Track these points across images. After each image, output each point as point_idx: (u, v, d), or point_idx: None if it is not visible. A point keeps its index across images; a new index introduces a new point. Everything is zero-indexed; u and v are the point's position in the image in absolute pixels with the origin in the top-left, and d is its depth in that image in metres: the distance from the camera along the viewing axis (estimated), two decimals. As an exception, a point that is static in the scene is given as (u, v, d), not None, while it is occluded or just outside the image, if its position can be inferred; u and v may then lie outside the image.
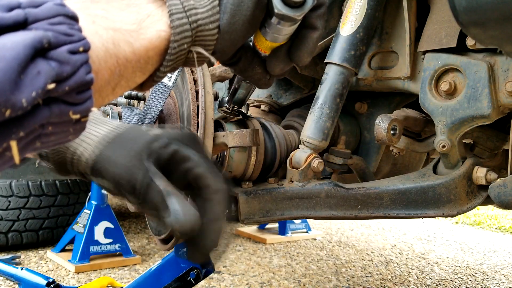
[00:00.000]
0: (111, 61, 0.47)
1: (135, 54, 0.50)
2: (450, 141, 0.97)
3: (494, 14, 0.59)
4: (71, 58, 0.39)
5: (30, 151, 0.41)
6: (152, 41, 0.53)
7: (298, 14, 0.63)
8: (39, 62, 0.37)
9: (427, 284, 2.46)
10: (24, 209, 2.52)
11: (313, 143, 1.03)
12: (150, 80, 0.57)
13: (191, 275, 1.12)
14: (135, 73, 0.52)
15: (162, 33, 0.54)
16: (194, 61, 0.59)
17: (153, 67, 0.55)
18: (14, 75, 0.35)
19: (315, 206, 1.04)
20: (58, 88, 0.39)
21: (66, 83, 0.39)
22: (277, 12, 0.62)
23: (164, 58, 0.55)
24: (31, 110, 0.38)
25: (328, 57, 1.06)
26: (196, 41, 0.58)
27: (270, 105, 1.40)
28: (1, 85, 0.34)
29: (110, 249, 2.42)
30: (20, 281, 1.88)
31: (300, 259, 2.78)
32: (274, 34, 0.66)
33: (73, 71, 0.39)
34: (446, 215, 0.99)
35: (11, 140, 0.38)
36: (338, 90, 1.04)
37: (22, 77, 0.36)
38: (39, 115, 0.38)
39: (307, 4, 0.63)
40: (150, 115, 0.95)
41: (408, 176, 1.06)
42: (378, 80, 1.14)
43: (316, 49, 0.84)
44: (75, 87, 0.40)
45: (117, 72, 0.48)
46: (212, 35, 0.59)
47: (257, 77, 0.79)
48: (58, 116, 0.40)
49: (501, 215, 5.07)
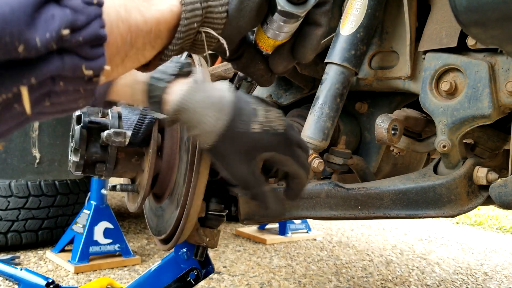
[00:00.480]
0: (123, 26, 0.48)
1: (146, 24, 0.51)
2: (451, 141, 0.97)
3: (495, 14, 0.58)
4: (86, 8, 0.40)
5: (40, 109, 0.41)
6: (163, 14, 0.54)
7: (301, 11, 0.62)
8: (53, 7, 0.38)
9: (427, 285, 2.46)
10: (24, 209, 2.52)
11: (313, 143, 1.03)
12: (157, 59, 0.59)
13: (191, 275, 1.12)
14: (145, 45, 0.53)
15: (174, 8, 0.56)
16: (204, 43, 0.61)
17: (162, 43, 0.56)
18: (29, 9, 0.36)
19: (315, 206, 1.03)
20: (72, 37, 0.39)
21: (80, 33, 0.39)
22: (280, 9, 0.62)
23: (174, 36, 0.56)
24: (44, 57, 0.38)
25: (328, 57, 1.06)
26: (205, 22, 0.60)
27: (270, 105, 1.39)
28: (16, 16, 0.35)
29: (109, 249, 2.41)
30: (20, 282, 1.87)
31: (300, 259, 2.78)
32: (275, 31, 0.66)
33: (87, 22, 0.40)
34: (446, 215, 0.99)
35: (22, 86, 0.38)
36: (338, 90, 1.03)
37: (36, 15, 0.36)
38: (52, 63, 0.38)
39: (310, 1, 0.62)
40: (150, 115, 0.94)
41: (409, 176, 1.05)
42: (379, 80, 1.13)
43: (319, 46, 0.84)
44: (89, 39, 0.40)
45: (128, 40, 0.49)
46: (221, 18, 0.60)
47: (259, 73, 0.80)
48: (70, 69, 0.40)
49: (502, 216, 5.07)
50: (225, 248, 2.90)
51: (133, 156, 0.99)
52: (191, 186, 0.90)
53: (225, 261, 2.62)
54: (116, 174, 1.00)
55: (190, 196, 0.91)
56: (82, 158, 0.94)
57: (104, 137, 0.91)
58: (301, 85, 1.39)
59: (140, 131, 0.93)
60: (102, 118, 0.96)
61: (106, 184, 2.45)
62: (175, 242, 0.99)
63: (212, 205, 1.02)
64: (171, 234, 1.00)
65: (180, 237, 0.97)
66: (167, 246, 1.03)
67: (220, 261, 2.61)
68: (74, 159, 0.94)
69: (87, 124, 0.93)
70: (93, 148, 0.94)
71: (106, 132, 0.91)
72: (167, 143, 0.99)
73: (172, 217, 0.98)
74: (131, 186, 1.02)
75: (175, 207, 0.97)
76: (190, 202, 0.91)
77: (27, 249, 2.60)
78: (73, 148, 0.94)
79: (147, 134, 0.94)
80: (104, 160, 0.96)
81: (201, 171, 0.91)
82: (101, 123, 0.94)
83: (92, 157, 0.95)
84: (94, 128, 0.94)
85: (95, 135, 0.94)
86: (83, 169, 0.95)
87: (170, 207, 1.01)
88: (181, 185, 0.95)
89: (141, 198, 0.99)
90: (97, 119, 0.95)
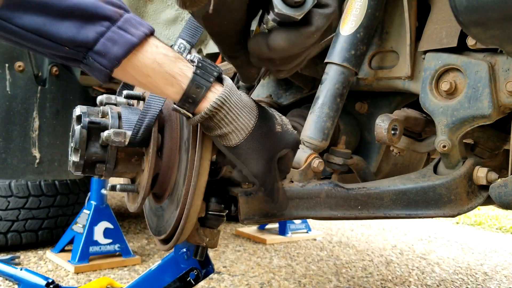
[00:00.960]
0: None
1: None
2: (451, 141, 0.97)
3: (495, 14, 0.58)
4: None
5: None
6: None
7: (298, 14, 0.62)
8: None
9: (427, 285, 2.46)
10: (24, 209, 2.52)
11: (313, 143, 1.03)
12: None
13: (191, 275, 1.12)
14: None
15: None
16: None
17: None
18: None
19: (315, 206, 1.03)
20: None
21: None
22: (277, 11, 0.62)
23: None
24: None
25: (328, 57, 1.06)
26: None
27: (270, 105, 1.39)
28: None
29: (109, 249, 2.41)
30: (20, 282, 1.87)
31: (300, 259, 2.78)
32: None
33: None
34: (446, 215, 0.99)
35: None
36: (338, 90, 1.03)
37: None
38: None
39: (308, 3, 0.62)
40: (150, 115, 0.94)
41: (409, 176, 1.05)
42: (379, 80, 1.13)
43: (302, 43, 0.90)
44: None
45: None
46: None
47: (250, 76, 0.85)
48: None
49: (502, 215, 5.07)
50: (225, 248, 2.90)
51: (133, 156, 0.99)
52: (191, 186, 0.90)
53: (225, 261, 2.63)
54: (116, 174, 1.00)
55: (190, 196, 0.91)
56: (82, 158, 0.94)
57: (104, 137, 0.91)
58: (301, 85, 1.39)
59: (140, 131, 0.93)
60: (102, 118, 0.96)
61: (106, 184, 2.45)
62: (175, 242, 0.99)
63: (212, 205, 1.02)
64: (171, 234, 1.00)
65: (180, 237, 0.97)
66: (167, 246, 1.03)
67: (220, 261, 2.61)
68: (74, 159, 0.94)
69: (87, 124, 0.93)
70: (93, 148, 0.94)
71: (106, 132, 0.91)
72: (167, 143, 0.99)
73: (172, 217, 0.98)
74: (131, 186, 1.02)
75: (175, 207, 0.97)
76: (190, 202, 0.91)
77: (27, 249, 2.60)
78: (73, 148, 0.94)
79: (147, 134, 0.94)
80: (104, 160, 0.96)
81: (201, 171, 0.91)
82: (101, 123, 0.94)
83: (92, 157, 0.95)
84: (94, 128, 0.94)
85: (95, 135, 0.94)
86: (83, 169, 0.95)
87: (170, 207, 1.01)
88: (181, 185, 0.95)
89: (141, 198, 0.99)
90: (97, 119, 0.95)
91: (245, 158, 0.84)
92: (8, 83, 2.49)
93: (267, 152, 0.84)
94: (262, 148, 0.83)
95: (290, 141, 0.88)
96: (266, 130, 0.83)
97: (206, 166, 0.91)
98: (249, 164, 0.84)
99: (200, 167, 0.90)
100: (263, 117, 0.84)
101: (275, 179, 0.87)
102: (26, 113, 2.55)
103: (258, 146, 0.83)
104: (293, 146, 0.89)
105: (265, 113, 0.86)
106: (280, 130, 0.86)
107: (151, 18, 1.85)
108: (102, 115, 0.96)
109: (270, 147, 0.84)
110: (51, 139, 2.63)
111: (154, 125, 0.94)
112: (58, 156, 2.66)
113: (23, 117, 2.54)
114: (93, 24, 0.69)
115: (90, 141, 0.94)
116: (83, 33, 0.69)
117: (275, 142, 0.85)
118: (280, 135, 0.86)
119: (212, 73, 0.79)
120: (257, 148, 0.83)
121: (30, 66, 2.56)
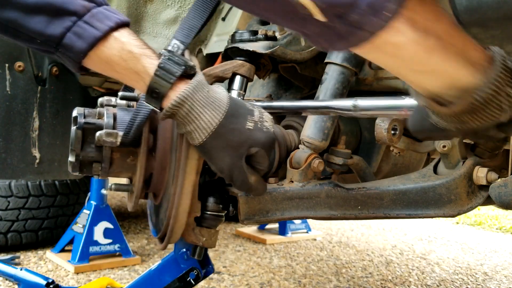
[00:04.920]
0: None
1: None
2: (451, 141, 0.97)
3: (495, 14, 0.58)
4: None
5: None
6: None
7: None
8: None
9: (427, 285, 2.46)
10: (24, 209, 2.52)
11: (313, 143, 1.03)
12: None
13: (191, 275, 1.12)
14: None
15: None
16: None
17: None
18: None
19: (315, 206, 1.03)
20: None
21: None
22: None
23: None
24: None
25: (328, 57, 1.06)
26: None
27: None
28: None
29: (109, 249, 2.41)
30: (20, 282, 1.87)
31: (300, 259, 2.78)
32: None
33: None
34: (446, 215, 0.99)
35: None
36: (338, 90, 1.03)
37: None
38: None
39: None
40: (141, 115, 0.95)
41: (409, 176, 1.05)
42: (379, 80, 1.13)
43: None
44: None
45: None
46: None
47: None
48: None
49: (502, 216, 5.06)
50: (225, 248, 2.90)
51: (128, 156, 1.00)
52: (178, 185, 0.91)
53: (225, 261, 2.63)
54: (113, 174, 1.01)
55: (177, 195, 0.92)
56: (77, 159, 0.95)
57: (96, 138, 0.92)
58: (301, 85, 1.39)
59: (131, 131, 0.94)
60: (98, 119, 0.97)
61: (106, 184, 2.45)
62: (167, 242, 1.00)
63: (209, 205, 1.03)
64: (164, 233, 1.01)
65: (171, 236, 0.98)
66: (162, 245, 1.05)
67: (220, 261, 2.61)
68: (70, 159, 0.96)
69: (82, 125, 0.95)
70: (88, 149, 0.96)
71: (98, 133, 0.92)
72: (160, 143, 1.00)
73: (165, 216, 0.99)
74: (124, 185, 1.03)
75: (167, 207, 0.98)
76: (178, 202, 0.92)
77: (27, 249, 2.60)
78: (70, 149, 0.96)
79: (139, 135, 0.95)
80: (100, 160, 0.97)
81: (188, 170, 0.91)
82: (96, 124, 0.96)
83: (88, 157, 0.96)
84: (89, 129, 0.95)
85: (91, 136, 0.95)
86: (80, 169, 0.97)
87: (164, 206, 1.02)
88: (170, 185, 0.96)
89: (134, 198, 1.01)
90: (92, 120, 0.96)
91: (209, 156, 0.85)
92: (8, 83, 2.49)
93: (232, 150, 0.84)
94: (226, 146, 0.83)
95: (262, 139, 0.86)
96: (233, 128, 0.83)
97: (193, 165, 0.91)
98: (214, 161, 0.85)
99: (187, 166, 0.91)
100: (232, 114, 0.83)
101: (245, 175, 0.86)
102: (26, 113, 2.55)
103: (221, 144, 0.83)
104: (264, 144, 0.87)
105: (237, 109, 0.85)
106: (251, 128, 0.85)
107: (151, 18, 1.85)
108: (98, 116, 0.98)
109: (236, 144, 0.84)
110: (51, 139, 2.63)
111: (145, 125, 0.95)
112: (58, 156, 2.66)
113: (23, 117, 2.54)
114: (61, 19, 0.75)
115: (86, 141, 0.96)
116: (51, 27, 0.75)
117: (242, 140, 0.84)
118: (249, 133, 0.85)
119: (175, 73, 0.79)
120: (220, 146, 0.83)
121: (30, 66, 2.56)
